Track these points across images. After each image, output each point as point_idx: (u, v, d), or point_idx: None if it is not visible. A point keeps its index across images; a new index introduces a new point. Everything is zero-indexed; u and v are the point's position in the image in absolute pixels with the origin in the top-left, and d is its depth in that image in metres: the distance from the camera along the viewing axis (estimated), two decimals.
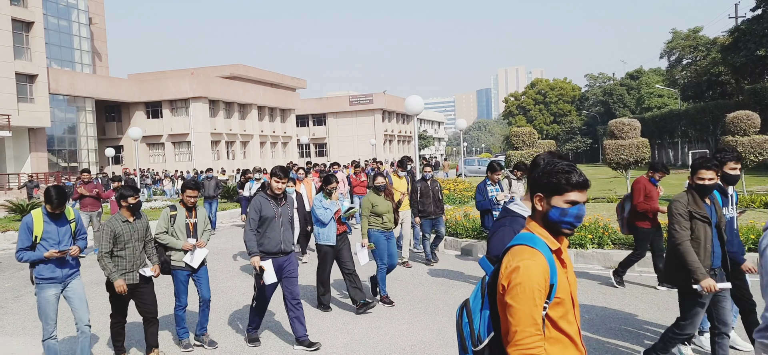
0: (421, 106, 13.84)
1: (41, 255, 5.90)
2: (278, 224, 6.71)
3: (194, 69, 66.50)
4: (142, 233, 6.45)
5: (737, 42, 45.07)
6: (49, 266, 5.96)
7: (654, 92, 72.33)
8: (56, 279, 6.02)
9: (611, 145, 18.77)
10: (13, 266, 13.39)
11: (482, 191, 9.46)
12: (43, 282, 5.97)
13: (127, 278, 6.29)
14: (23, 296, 10.20)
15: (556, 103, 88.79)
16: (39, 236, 5.94)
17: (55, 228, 6.01)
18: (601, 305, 8.08)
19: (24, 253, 5.94)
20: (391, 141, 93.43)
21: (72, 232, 6.18)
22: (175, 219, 6.93)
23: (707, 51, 57.05)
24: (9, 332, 8.04)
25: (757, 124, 17.93)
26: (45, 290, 5.99)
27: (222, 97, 60.72)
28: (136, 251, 6.37)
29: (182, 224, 6.93)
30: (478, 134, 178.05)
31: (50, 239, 5.97)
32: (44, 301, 6.01)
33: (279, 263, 6.71)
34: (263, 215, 6.66)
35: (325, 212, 8.22)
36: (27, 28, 45.27)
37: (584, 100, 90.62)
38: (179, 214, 6.98)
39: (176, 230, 6.88)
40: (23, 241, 5.93)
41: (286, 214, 6.85)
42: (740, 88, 48.87)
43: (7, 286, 11.20)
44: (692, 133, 51.04)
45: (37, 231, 5.95)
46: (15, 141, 44.46)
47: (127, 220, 6.35)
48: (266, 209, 6.70)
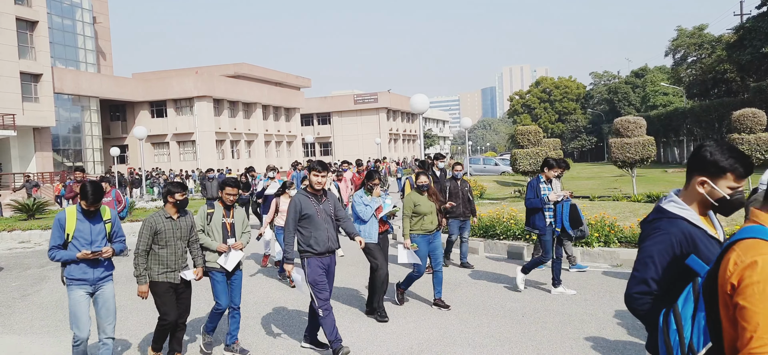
0: (427, 105, 13.81)
1: (73, 255, 5.59)
2: (322, 221, 6.35)
3: (198, 68, 66.57)
4: (185, 231, 6.18)
5: (743, 39, 44.94)
6: (80, 267, 5.64)
7: (659, 90, 72.20)
8: (87, 281, 5.68)
9: (617, 144, 18.74)
10: (19, 266, 13.44)
11: (535, 188, 8.82)
12: (73, 283, 5.66)
13: (169, 278, 6.05)
14: (30, 295, 10.23)
15: (561, 101, 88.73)
16: (71, 235, 5.63)
17: (88, 227, 5.69)
18: None
19: (56, 251, 5.65)
20: (396, 140, 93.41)
21: (107, 232, 5.83)
22: (212, 218, 6.62)
23: (712, 49, 56.88)
24: (16, 331, 8.06)
25: (763, 122, 17.90)
26: (75, 291, 5.67)
27: (226, 96, 60.77)
28: (179, 251, 6.10)
29: (219, 223, 6.61)
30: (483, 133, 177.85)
31: (82, 238, 5.65)
32: (75, 302, 5.67)
33: (326, 263, 6.41)
34: (304, 213, 6.31)
35: (365, 209, 7.93)
36: (31, 27, 45.36)
37: (589, 98, 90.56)
38: (216, 212, 6.66)
39: (212, 229, 6.58)
40: (55, 238, 5.65)
41: (329, 210, 6.49)
42: (746, 85, 48.74)
43: (14, 285, 11.23)
44: (697, 132, 50.91)
45: (70, 229, 5.64)
46: (20, 141, 44.54)
47: (171, 217, 6.09)
48: (306, 207, 6.33)
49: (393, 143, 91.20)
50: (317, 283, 6.29)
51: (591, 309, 7.81)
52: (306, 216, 6.31)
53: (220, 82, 60.57)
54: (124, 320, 8.27)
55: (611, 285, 8.97)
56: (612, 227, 11.15)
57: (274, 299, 9.10)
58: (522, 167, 21.06)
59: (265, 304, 8.78)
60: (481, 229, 12.60)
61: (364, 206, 7.95)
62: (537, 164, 21.07)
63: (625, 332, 6.77)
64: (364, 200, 7.99)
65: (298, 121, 76.97)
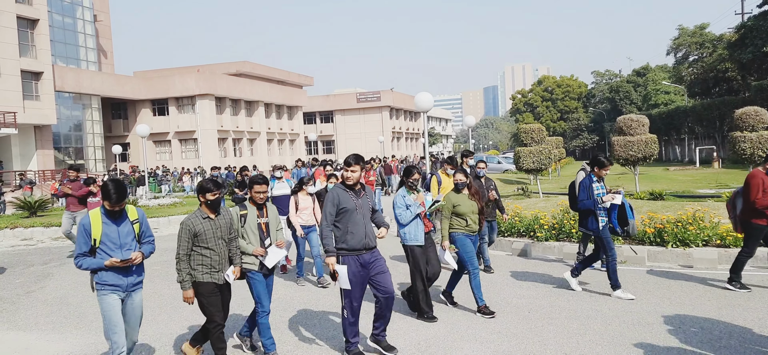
0: (431, 103, 13.82)
1: (101, 263, 5.27)
2: (359, 217, 6.12)
3: (200, 66, 66.58)
4: (225, 230, 5.93)
5: (744, 38, 44.89)
6: (111, 273, 5.32)
7: (661, 89, 72.13)
8: (120, 288, 5.38)
9: (619, 142, 18.70)
10: (23, 263, 13.44)
11: (587, 189, 8.25)
12: (105, 288, 5.33)
13: (213, 278, 5.83)
14: (34, 292, 10.23)
15: (563, 100, 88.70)
16: (98, 239, 5.29)
17: (115, 230, 5.35)
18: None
19: (83, 259, 5.29)
20: (399, 138, 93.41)
21: (136, 234, 5.50)
22: (246, 219, 6.35)
23: (714, 47, 56.83)
24: (22, 327, 8.05)
25: (765, 120, 17.83)
26: (108, 296, 5.33)
27: (228, 94, 60.75)
28: (222, 250, 5.87)
29: (254, 224, 6.36)
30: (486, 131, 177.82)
31: (110, 242, 5.32)
32: (109, 307, 5.32)
33: (365, 260, 6.14)
34: (342, 207, 6.07)
35: (405, 213, 7.45)
36: (32, 25, 45.37)
37: (591, 97, 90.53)
38: (250, 213, 6.40)
39: (247, 231, 6.32)
40: (81, 245, 5.28)
41: (367, 206, 6.26)
42: (747, 84, 48.69)
43: (17, 282, 11.23)
44: (699, 130, 50.85)
45: (96, 234, 5.28)
46: (21, 139, 44.57)
47: (209, 217, 5.84)
48: (345, 201, 6.10)
49: (396, 142, 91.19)
50: (352, 283, 6.07)
51: (596, 305, 7.81)
52: (344, 210, 6.10)
53: (222, 80, 60.55)
54: None
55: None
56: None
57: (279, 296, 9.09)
58: (525, 165, 21.00)
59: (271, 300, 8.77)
60: None
61: (405, 208, 7.48)
62: (541, 162, 21.02)
63: (630, 328, 6.77)
64: (406, 200, 7.50)
65: (300, 120, 76.98)
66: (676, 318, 7.06)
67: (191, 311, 8.32)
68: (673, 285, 8.66)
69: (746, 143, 17.67)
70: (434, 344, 6.51)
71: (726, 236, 9.98)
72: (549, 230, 11.75)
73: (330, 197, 6.16)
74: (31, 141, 45.65)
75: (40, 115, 44.91)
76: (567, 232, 11.44)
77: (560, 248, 11.24)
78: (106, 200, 5.30)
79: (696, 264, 9.80)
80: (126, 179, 34.05)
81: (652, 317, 7.18)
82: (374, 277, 6.20)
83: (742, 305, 7.51)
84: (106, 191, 5.28)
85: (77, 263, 5.31)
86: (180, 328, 7.60)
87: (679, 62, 63.52)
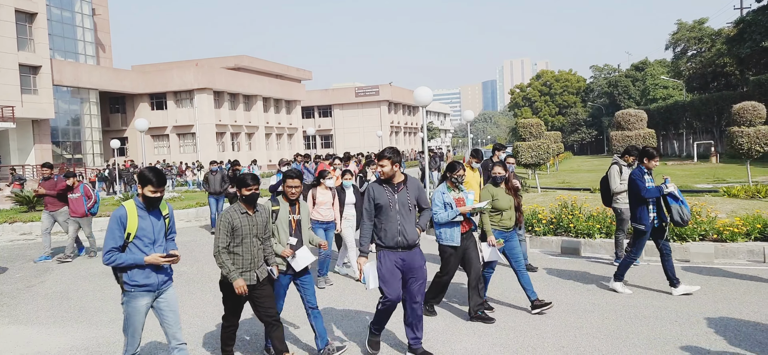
0: (430, 98, 13.85)
1: (140, 259, 4.88)
2: (395, 213, 5.81)
3: (198, 60, 66.52)
4: (261, 228, 5.68)
5: (742, 33, 44.98)
6: (144, 271, 4.93)
7: (659, 84, 72.25)
8: (151, 286, 4.99)
9: (618, 136, 18.79)
10: (22, 257, 13.47)
11: (641, 180, 7.92)
12: (136, 290, 4.94)
13: (245, 278, 5.54)
14: (35, 286, 10.27)
15: (562, 94, 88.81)
16: (132, 234, 4.88)
17: (150, 223, 4.97)
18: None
19: (114, 255, 4.85)
20: (398, 133, 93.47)
21: (166, 228, 5.16)
22: (277, 215, 6.06)
23: (712, 42, 56.92)
24: (23, 321, 8.10)
25: (763, 115, 17.92)
26: (137, 300, 4.95)
27: (227, 88, 60.73)
28: (254, 248, 5.62)
29: (285, 220, 6.08)
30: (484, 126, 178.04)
31: (145, 237, 4.93)
32: (135, 312, 4.96)
33: (399, 257, 5.82)
34: (377, 202, 5.82)
35: (443, 214, 6.97)
36: (30, 19, 45.32)
37: (589, 91, 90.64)
38: (282, 209, 6.10)
39: (277, 228, 6.05)
40: (114, 239, 4.85)
41: (405, 201, 5.89)
42: (745, 79, 48.77)
43: (18, 276, 11.26)
44: (697, 125, 50.96)
45: (131, 228, 4.87)
46: (19, 133, 44.55)
47: (247, 212, 5.59)
48: (379, 196, 5.83)
49: (394, 136, 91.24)
50: (384, 278, 5.80)
51: (594, 299, 7.88)
52: (378, 207, 5.85)
53: (220, 74, 60.53)
54: None
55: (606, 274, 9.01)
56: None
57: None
58: (524, 160, 21.08)
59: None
60: None
61: (443, 207, 7.00)
62: (539, 157, 21.09)
63: (627, 322, 6.82)
64: (445, 198, 7.01)
65: (299, 114, 76.98)
66: (672, 312, 7.12)
67: (192, 305, 8.40)
68: None
69: (744, 138, 17.76)
70: (433, 338, 6.56)
71: (722, 230, 10.04)
72: (547, 224, 11.81)
73: (367, 193, 5.94)
74: (29, 135, 45.64)
75: (38, 109, 44.89)
76: (565, 226, 11.50)
77: (558, 242, 11.30)
78: (147, 185, 4.90)
79: (693, 258, 9.85)
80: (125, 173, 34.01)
81: (649, 310, 7.24)
82: (409, 282, 5.92)
83: (739, 298, 7.56)
84: (144, 178, 4.92)
85: (108, 260, 4.85)
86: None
87: (677, 57, 63.62)
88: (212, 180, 15.96)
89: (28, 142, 45.60)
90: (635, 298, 7.85)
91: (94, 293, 9.53)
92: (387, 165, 5.88)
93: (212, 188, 15.97)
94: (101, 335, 7.26)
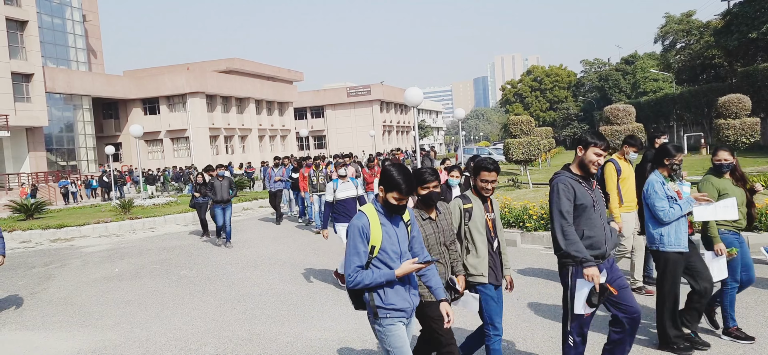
0: (421, 98, 14.10)
1: (391, 275, 3.89)
2: (597, 216, 4.67)
3: (190, 64, 66.65)
4: (448, 235, 4.77)
5: (730, 25, 45.39)
6: (398, 293, 3.97)
7: (649, 77, 72.74)
8: (406, 313, 4.01)
9: (607, 132, 19.11)
10: (24, 265, 13.66)
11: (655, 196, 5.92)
12: (393, 314, 3.95)
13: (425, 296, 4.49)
14: (38, 293, 10.48)
15: (552, 89, 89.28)
16: (377, 247, 3.91)
17: (394, 233, 4.00)
18: None
19: (360, 275, 3.88)
20: (390, 132, 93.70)
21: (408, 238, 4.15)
22: (471, 215, 4.98)
23: (700, 34, 57.35)
24: (29, 327, 8.32)
25: (748, 107, 18.27)
26: (398, 327, 3.97)
27: (219, 91, 60.86)
28: (443, 259, 4.69)
29: (480, 220, 4.98)
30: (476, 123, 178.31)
31: (391, 251, 3.95)
32: (400, 340, 3.95)
33: (601, 269, 4.65)
34: (579, 202, 4.63)
35: (670, 210, 5.56)
36: (21, 27, 45.37)
37: (580, 86, 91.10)
38: (476, 207, 4.99)
39: (472, 230, 4.96)
40: (361, 255, 3.88)
41: (601, 200, 4.81)
42: (733, 70, 49.22)
43: (21, 283, 11.47)
44: (687, 117, 51.36)
45: (375, 239, 3.90)
46: (13, 141, 44.61)
47: (430, 217, 4.67)
48: (582, 195, 4.65)
49: (387, 135, 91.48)
50: None
51: None
52: (581, 207, 4.67)
53: (212, 77, 60.65)
54: (133, 314, 8.57)
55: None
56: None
57: (277, 291, 9.39)
58: (515, 156, 21.37)
59: (270, 295, 9.08)
60: None
61: (667, 200, 5.61)
62: (530, 153, 21.39)
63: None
64: (667, 190, 5.64)
65: (291, 115, 77.16)
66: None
67: (193, 307, 8.64)
68: None
69: (730, 130, 18.11)
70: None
71: None
72: (538, 220, 12.07)
73: (563, 191, 4.70)
74: (24, 143, 45.70)
75: (32, 117, 44.96)
76: None
77: (549, 238, 11.55)
78: (394, 191, 3.91)
79: None
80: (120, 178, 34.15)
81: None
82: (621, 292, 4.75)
83: None
84: (391, 179, 3.91)
85: (354, 282, 3.88)
86: (183, 323, 7.87)
87: (666, 50, 64.07)
88: (219, 186, 14.32)
89: (22, 151, 45.65)
90: None
91: (97, 297, 9.75)
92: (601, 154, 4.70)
93: (219, 196, 14.27)
94: (107, 338, 7.49)
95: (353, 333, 6.96)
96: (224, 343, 6.95)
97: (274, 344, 6.79)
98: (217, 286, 10.00)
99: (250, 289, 9.62)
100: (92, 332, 7.86)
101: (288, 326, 7.46)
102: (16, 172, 44.08)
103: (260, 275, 10.63)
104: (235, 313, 8.20)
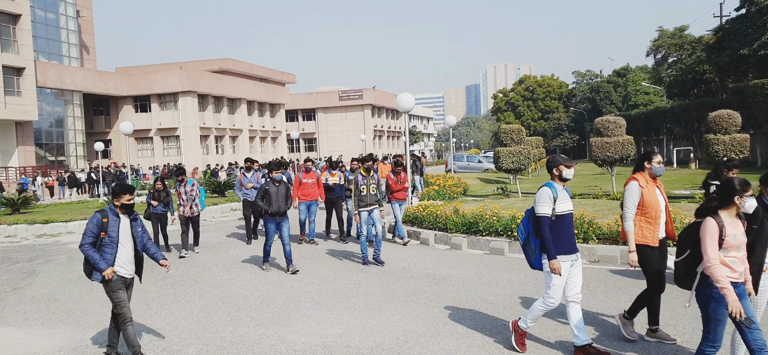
0: (412, 104, 14.11)
1: None
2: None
3: (183, 63, 66.41)
4: None
5: (722, 41, 45.70)
6: None
7: (640, 90, 73.16)
8: None
9: (597, 143, 19.14)
10: (8, 260, 13.55)
11: None
12: None
13: None
14: (21, 289, 10.38)
15: (544, 99, 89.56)
16: None
17: None
18: None
19: None
20: (381, 136, 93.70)
21: None
22: None
23: (692, 49, 57.67)
24: (11, 323, 8.23)
25: (737, 123, 18.36)
26: None
27: (211, 91, 60.70)
28: None
29: None
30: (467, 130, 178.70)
31: None
32: None
33: None
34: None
35: None
36: (14, 20, 45.09)
37: (572, 96, 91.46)
38: None
39: None
40: None
41: None
42: (724, 86, 49.53)
43: (4, 278, 11.37)
44: (677, 131, 51.65)
45: None
46: (2, 135, 44.32)
47: None
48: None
49: (378, 140, 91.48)
50: None
51: None
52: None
53: (204, 77, 60.49)
54: None
55: (588, 280, 9.28)
56: (591, 224, 11.48)
57: (263, 293, 9.34)
58: (505, 165, 21.39)
59: (255, 297, 9.03)
60: (464, 225, 12.92)
61: None
62: (520, 162, 21.42)
63: (600, 324, 7.09)
64: None
65: (283, 117, 77.07)
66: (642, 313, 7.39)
67: (177, 307, 8.57)
68: (640, 284, 8.99)
69: (719, 145, 18.19)
70: (412, 339, 6.80)
71: None
72: None
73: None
74: (12, 137, 45.41)
75: (22, 110, 44.67)
76: None
77: None
78: None
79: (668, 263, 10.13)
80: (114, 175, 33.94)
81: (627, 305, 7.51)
82: None
83: None
84: None
85: None
86: (166, 323, 7.81)
87: (658, 63, 64.40)
88: (275, 194, 10.62)
89: (11, 144, 45.34)
90: (607, 303, 8.11)
91: (81, 294, 9.67)
92: None
93: (275, 207, 10.59)
94: (89, 336, 7.41)
95: (338, 338, 6.93)
96: (207, 344, 6.89)
97: (258, 347, 6.74)
98: (203, 286, 9.94)
99: (235, 290, 9.57)
100: (74, 329, 7.79)
101: (272, 329, 7.42)
102: (4, 166, 43.76)
103: (246, 277, 10.57)
104: (219, 314, 8.15)
